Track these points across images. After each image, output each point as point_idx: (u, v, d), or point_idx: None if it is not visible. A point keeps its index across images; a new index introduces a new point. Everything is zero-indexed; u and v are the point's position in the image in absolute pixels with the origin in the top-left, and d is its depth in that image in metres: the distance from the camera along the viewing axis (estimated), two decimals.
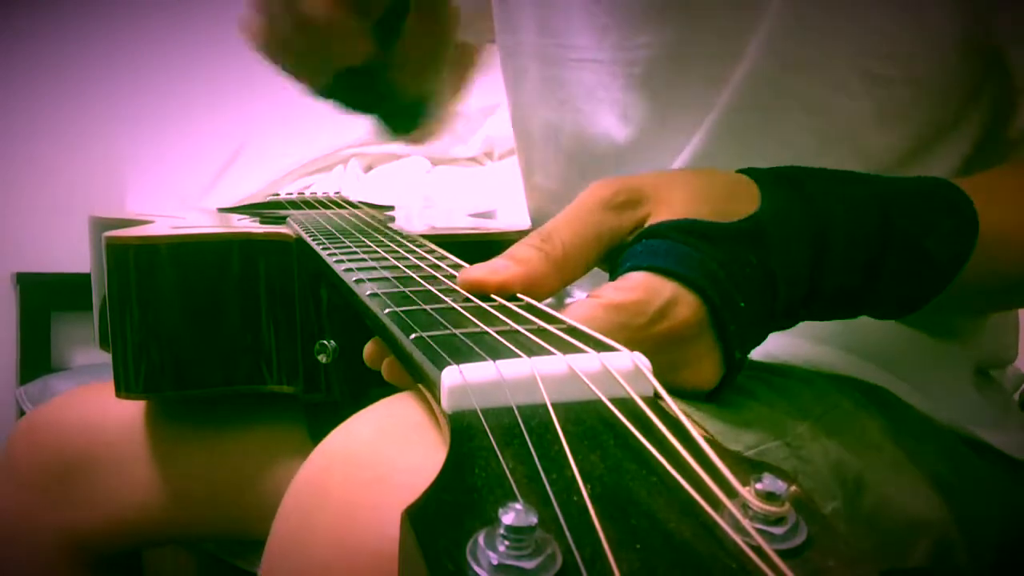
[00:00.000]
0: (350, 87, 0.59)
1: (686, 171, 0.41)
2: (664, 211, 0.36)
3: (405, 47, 0.58)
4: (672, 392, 0.25)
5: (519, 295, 0.35)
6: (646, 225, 0.36)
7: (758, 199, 0.37)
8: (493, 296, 0.35)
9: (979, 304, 0.52)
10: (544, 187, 0.66)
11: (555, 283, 0.35)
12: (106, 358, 0.56)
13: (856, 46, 0.49)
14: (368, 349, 0.39)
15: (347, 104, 0.62)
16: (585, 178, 0.60)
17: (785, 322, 0.39)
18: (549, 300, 0.36)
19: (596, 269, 0.38)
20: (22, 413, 1.45)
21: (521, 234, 0.61)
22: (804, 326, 0.42)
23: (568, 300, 0.61)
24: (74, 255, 1.63)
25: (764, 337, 0.39)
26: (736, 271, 0.35)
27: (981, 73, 0.50)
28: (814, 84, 0.50)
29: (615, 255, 0.37)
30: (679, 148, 0.55)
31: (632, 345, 0.27)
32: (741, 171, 0.39)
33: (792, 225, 0.36)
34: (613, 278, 0.36)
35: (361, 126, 0.67)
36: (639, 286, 0.34)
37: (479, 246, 0.45)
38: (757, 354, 0.52)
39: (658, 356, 0.28)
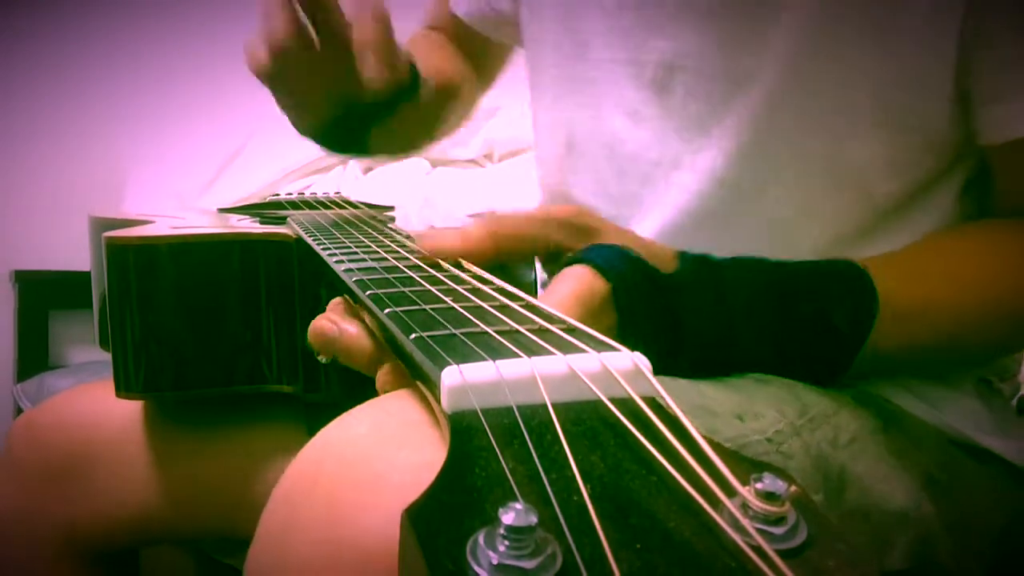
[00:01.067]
0: (336, 133, 0.63)
1: (634, 233, 0.46)
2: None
3: (395, 123, 0.62)
4: None
5: (516, 293, 0.35)
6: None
7: (676, 268, 0.44)
8: (494, 295, 0.35)
9: (909, 366, 0.55)
10: (556, 189, 0.66)
11: (490, 256, 0.43)
12: (104, 356, 0.56)
13: (873, 81, 0.51)
14: (380, 376, 0.39)
15: (331, 148, 0.67)
16: (594, 177, 0.61)
17: (702, 371, 0.45)
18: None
19: None
20: (19, 410, 1.45)
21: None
22: None
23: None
24: (72, 253, 1.63)
25: (678, 369, 0.44)
26: (644, 293, 0.41)
27: (962, 121, 0.52)
28: (829, 117, 0.52)
29: (556, 265, 0.43)
30: (689, 160, 0.56)
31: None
32: (678, 251, 0.46)
33: (699, 291, 0.44)
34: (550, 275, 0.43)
35: None
36: (574, 272, 0.41)
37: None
38: None
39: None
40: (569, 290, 0.39)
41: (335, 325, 0.40)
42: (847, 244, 0.54)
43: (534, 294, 0.42)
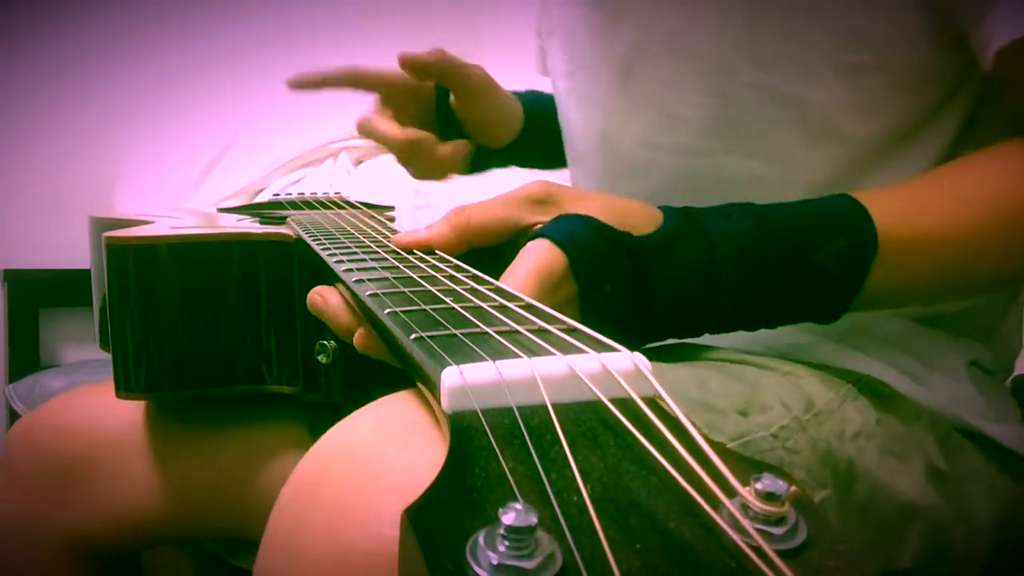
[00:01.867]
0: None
1: (604, 194, 0.46)
2: (571, 211, 0.44)
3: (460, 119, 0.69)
4: None
5: (514, 294, 0.35)
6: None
7: (657, 226, 0.43)
8: (493, 296, 0.35)
9: (913, 300, 0.53)
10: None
11: (458, 245, 0.45)
12: (96, 354, 0.56)
13: (826, 39, 0.50)
14: (358, 336, 0.39)
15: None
16: (592, 174, 0.62)
17: (686, 330, 0.45)
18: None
19: None
20: (11, 410, 1.45)
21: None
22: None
23: None
24: (62, 252, 1.63)
25: (655, 334, 0.44)
26: (607, 258, 0.41)
27: (959, 64, 0.50)
28: (789, 79, 0.51)
29: (523, 240, 0.43)
30: (666, 146, 0.56)
31: None
32: (660, 206, 0.45)
33: (680, 250, 0.43)
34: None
35: (351, 119, 0.70)
36: (531, 248, 0.41)
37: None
38: (751, 346, 0.52)
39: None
40: (527, 267, 0.39)
41: (322, 297, 0.44)
42: (830, 189, 0.53)
43: None
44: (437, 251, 0.45)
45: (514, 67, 0.81)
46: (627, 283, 0.42)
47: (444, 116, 0.70)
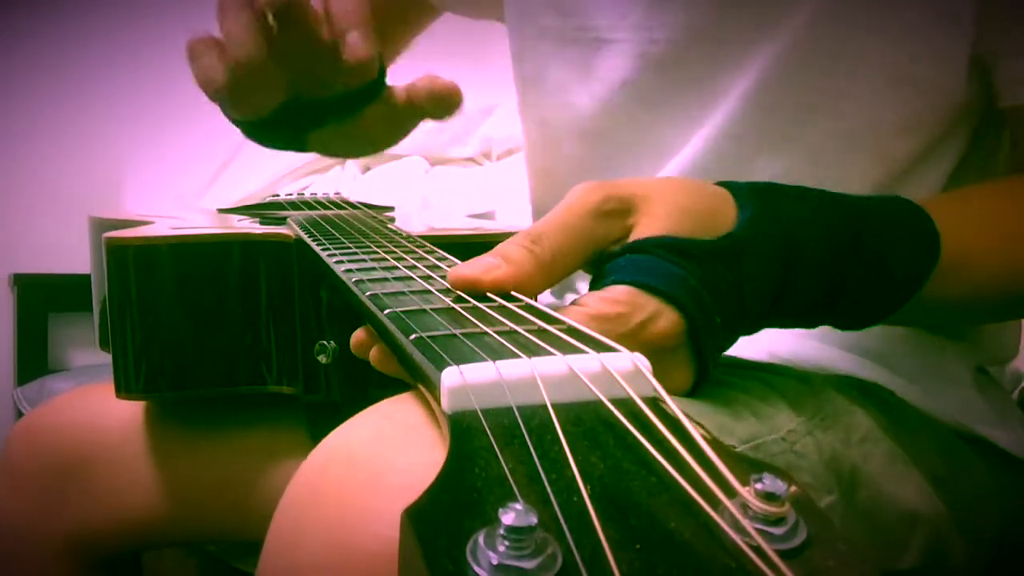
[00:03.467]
0: (274, 128, 0.60)
1: (671, 183, 0.40)
2: (649, 223, 0.37)
3: (358, 125, 0.59)
4: None
5: (514, 294, 0.35)
6: (631, 236, 0.37)
7: (735, 216, 0.39)
8: (492, 296, 0.35)
9: (947, 318, 0.53)
10: (552, 170, 0.66)
11: (541, 285, 0.36)
12: (104, 359, 0.56)
13: (887, 43, 0.50)
14: (356, 337, 0.39)
15: (269, 144, 0.64)
16: (594, 159, 0.61)
17: (748, 331, 0.41)
18: (548, 297, 0.36)
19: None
20: (20, 414, 1.45)
21: None
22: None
23: (568, 295, 0.61)
24: (71, 256, 1.63)
25: (730, 345, 0.40)
26: (714, 288, 0.36)
27: (977, 88, 0.51)
28: (839, 80, 0.51)
29: (599, 261, 0.38)
30: (691, 134, 0.55)
31: None
32: (722, 184, 0.40)
33: (765, 244, 0.38)
34: (596, 286, 0.37)
35: None
36: (623, 299, 0.35)
37: (478, 247, 0.45)
38: (755, 352, 0.52)
39: None
40: (649, 334, 0.34)
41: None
42: None
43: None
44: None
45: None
46: (730, 306, 0.37)
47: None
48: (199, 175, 1.60)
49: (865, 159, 0.53)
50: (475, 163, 1.66)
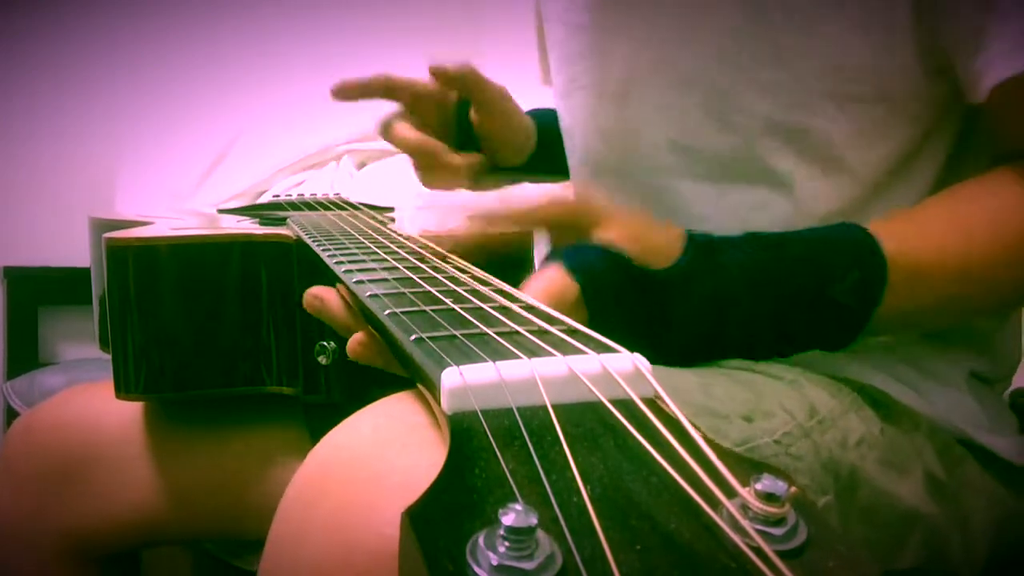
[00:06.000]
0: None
1: (639, 219, 0.46)
2: (607, 232, 0.44)
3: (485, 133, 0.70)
4: None
5: (515, 294, 0.36)
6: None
7: (677, 257, 0.44)
8: (493, 297, 0.35)
9: (921, 326, 0.54)
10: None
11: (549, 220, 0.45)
12: (95, 353, 0.56)
13: (820, 68, 0.50)
14: (352, 342, 0.39)
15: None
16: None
17: (698, 359, 0.47)
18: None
19: None
20: (10, 408, 1.44)
21: (520, 234, 0.61)
22: None
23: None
24: (61, 249, 1.63)
25: (666, 357, 0.44)
26: (619, 292, 0.42)
27: (947, 90, 0.51)
28: (789, 108, 0.51)
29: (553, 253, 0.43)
30: (667, 170, 0.56)
31: None
32: (686, 231, 0.45)
33: (694, 285, 0.43)
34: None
35: (354, 122, 0.70)
36: (546, 273, 0.41)
37: (478, 248, 0.46)
38: None
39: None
40: (540, 288, 0.40)
41: (318, 297, 0.44)
42: (839, 217, 0.53)
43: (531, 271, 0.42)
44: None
45: (516, 77, 0.81)
46: (640, 316, 0.43)
47: (462, 128, 0.71)
48: (192, 171, 1.59)
49: (835, 174, 0.53)
50: None
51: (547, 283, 0.40)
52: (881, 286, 0.45)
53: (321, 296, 0.44)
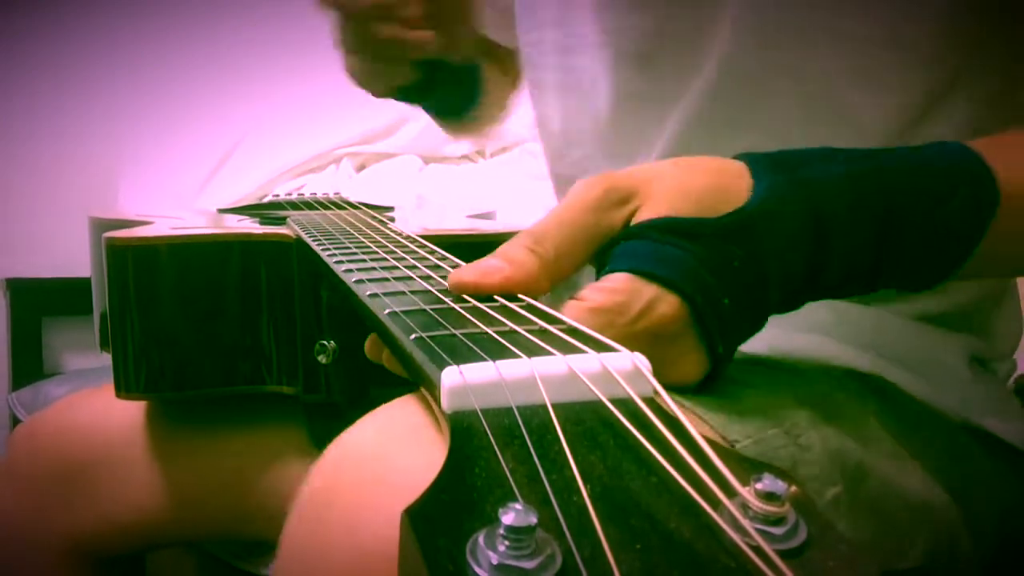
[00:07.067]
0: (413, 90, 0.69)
1: (675, 163, 0.38)
2: (651, 206, 0.36)
3: (487, 93, 0.71)
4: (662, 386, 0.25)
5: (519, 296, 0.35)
6: (633, 222, 0.36)
7: (748, 190, 0.36)
8: (492, 297, 0.35)
9: (1007, 271, 0.50)
10: (566, 175, 0.67)
11: (546, 285, 0.35)
12: (100, 362, 0.56)
13: (833, 9, 0.49)
14: (369, 343, 0.39)
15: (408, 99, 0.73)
16: (593, 159, 0.62)
17: (785, 308, 0.39)
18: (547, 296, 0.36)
19: None
20: (15, 419, 1.45)
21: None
22: (800, 318, 0.42)
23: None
24: (65, 260, 1.63)
25: (760, 326, 0.38)
26: (720, 267, 0.35)
27: (977, 35, 0.48)
28: (793, 48, 0.50)
29: (605, 252, 0.37)
30: (668, 118, 0.56)
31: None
32: (740, 156, 0.38)
33: (785, 215, 0.36)
34: (598, 276, 0.36)
35: (353, 126, 0.71)
36: (620, 288, 0.34)
37: (479, 246, 0.45)
38: (755, 347, 0.52)
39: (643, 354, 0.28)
40: (645, 327, 0.34)
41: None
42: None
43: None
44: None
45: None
46: (744, 285, 0.36)
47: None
48: (195, 175, 1.60)
49: (835, 124, 0.50)
50: (469, 160, 1.66)
51: (655, 319, 0.33)
52: (992, 208, 0.39)
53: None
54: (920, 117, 0.51)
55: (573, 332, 0.30)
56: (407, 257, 0.46)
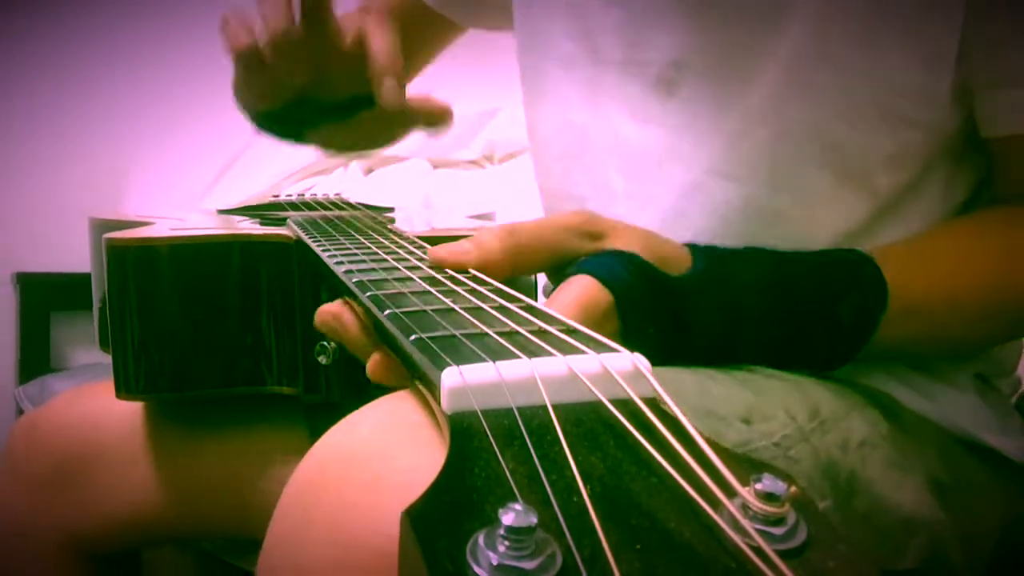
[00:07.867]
0: (280, 120, 0.69)
1: (644, 229, 0.46)
2: (617, 246, 0.44)
3: (354, 125, 0.67)
4: None
5: (515, 294, 0.36)
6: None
7: (688, 269, 0.45)
8: (493, 296, 0.35)
9: (918, 353, 0.54)
10: (557, 189, 0.66)
11: (503, 272, 0.42)
12: (105, 358, 0.56)
13: (875, 81, 0.50)
14: (371, 364, 0.39)
15: (276, 133, 0.71)
16: (598, 177, 0.61)
17: (712, 357, 0.47)
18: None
19: None
20: (21, 413, 1.45)
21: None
22: None
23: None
24: (73, 255, 1.63)
25: (680, 354, 0.45)
26: (650, 300, 0.42)
27: (962, 117, 0.52)
28: (831, 116, 0.51)
29: (563, 271, 0.43)
30: (689, 159, 0.55)
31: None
32: (686, 244, 0.46)
33: (710, 296, 0.44)
34: (557, 281, 0.43)
35: None
36: (578, 282, 0.41)
37: None
38: None
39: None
40: (572, 299, 0.40)
41: (334, 316, 0.43)
42: (849, 238, 0.54)
43: (535, 299, 0.41)
44: (474, 272, 0.42)
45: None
46: (665, 324, 0.43)
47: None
48: (202, 176, 1.60)
49: (855, 193, 0.53)
50: (477, 166, 1.66)
51: (578, 293, 0.40)
52: (880, 310, 0.46)
53: (336, 313, 0.42)
54: (920, 183, 0.54)
55: (573, 333, 0.30)
56: (408, 258, 0.46)
